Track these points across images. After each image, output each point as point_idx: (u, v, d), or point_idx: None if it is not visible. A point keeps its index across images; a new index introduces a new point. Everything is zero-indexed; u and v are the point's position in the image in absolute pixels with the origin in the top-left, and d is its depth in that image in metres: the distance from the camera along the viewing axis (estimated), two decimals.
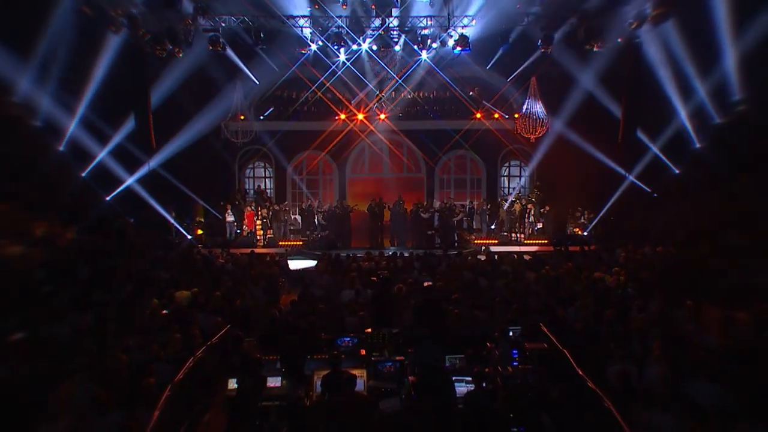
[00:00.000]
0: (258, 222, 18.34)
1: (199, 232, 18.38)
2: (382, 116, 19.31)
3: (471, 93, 19.68)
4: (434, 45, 16.79)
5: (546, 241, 17.54)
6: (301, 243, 17.97)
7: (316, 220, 18.46)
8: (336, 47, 16.57)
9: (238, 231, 18.40)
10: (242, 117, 18.23)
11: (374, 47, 17.34)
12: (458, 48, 15.83)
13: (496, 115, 19.53)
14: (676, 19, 14.70)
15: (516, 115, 18.04)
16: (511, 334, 7.23)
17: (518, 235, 18.54)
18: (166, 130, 17.19)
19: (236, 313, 9.15)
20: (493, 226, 18.87)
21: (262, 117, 19.88)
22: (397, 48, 17.62)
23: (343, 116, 19.41)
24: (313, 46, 17.06)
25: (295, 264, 14.50)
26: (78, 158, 15.30)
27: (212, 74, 17.35)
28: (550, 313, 8.66)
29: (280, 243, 17.90)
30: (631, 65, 16.87)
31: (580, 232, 18.19)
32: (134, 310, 8.95)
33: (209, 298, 9.72)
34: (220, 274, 12.04)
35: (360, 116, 19.29)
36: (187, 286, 10.33)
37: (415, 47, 16.82)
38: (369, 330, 7.40)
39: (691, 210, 13.70)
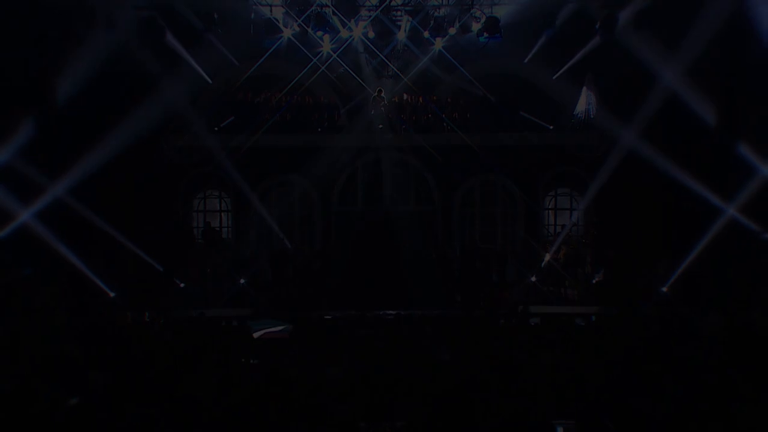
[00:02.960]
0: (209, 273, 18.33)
1: None
2: (381, 127, 19.49)
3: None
4: (452, 31, 17.04)
5: (608, 300, 17.46)
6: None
7: (290, 270, 18.45)
8: (319, 33, 16.82)
9: (182, 285, 18.37)
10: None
11: (370, 34, 17.61)
12: (485, 35, 16.08)
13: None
14: None
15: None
16: (560, 430, 7.13)
17: (569, 291, 18.54)
18: (80, 143, 17.11)
19: (177, 402, 9.07)
20: (534, 279, 18.86)
21: (217, 128, 20.01)
22: (402, 35, 17.88)
23: (327, 127, 19.58)
24: (287, 32, 17.30)
25: (260, 331, 14.48)
26: None
27: (147, 68, 17.46)
28: (616, 403, 8.58)
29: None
30: (731, 56, 16.99)
31: (656, 288, 18.12)
32: (28, 400, 8.85)
33: (138, 382, 9.64)
34: (155, 348, 11.97)
35: (350, 126, 19.47)
36: (106, 366, 10.25)
37: (426, 34, 17.07)
38: (363, 424, 7.33)
39: None
